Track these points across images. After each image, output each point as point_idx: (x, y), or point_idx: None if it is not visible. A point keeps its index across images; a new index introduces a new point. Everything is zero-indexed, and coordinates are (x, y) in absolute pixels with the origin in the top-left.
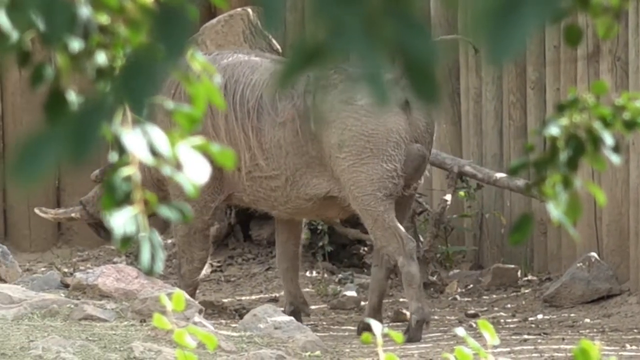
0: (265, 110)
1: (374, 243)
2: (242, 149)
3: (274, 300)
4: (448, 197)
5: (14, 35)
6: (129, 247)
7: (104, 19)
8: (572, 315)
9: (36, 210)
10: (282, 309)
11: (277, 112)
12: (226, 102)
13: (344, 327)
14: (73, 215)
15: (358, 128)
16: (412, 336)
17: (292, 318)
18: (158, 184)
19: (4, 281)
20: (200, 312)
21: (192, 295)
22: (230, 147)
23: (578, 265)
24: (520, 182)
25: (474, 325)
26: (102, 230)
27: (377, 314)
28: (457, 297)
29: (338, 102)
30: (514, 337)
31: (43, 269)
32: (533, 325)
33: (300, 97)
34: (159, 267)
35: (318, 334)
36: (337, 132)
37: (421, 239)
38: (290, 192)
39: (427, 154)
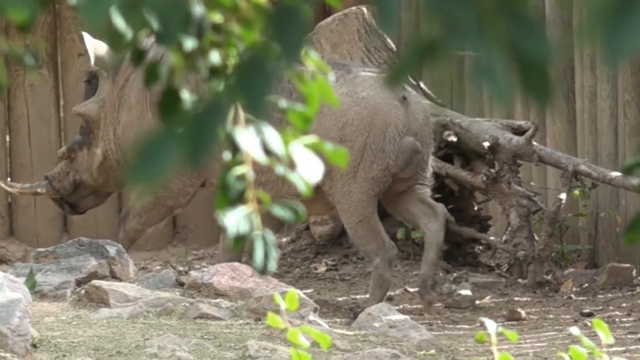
0: None
1: (352, 239)
2: None
3: (389, 298)
4: (563, 196)
5: (129, 34)
6: (241, 245)
7: (217, 17)
8: None
9: (1, 184)
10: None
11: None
12: None
13: (458, 326)
14: (39, 190)
15: (359, 122)
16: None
17: (406, 317)
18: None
19: (120, 280)
20: (315, 310)
21: (127, 248)
22: None
23: None
24: (635, 181)
25: (589, 324)
26: (67, 206)
27: (435, 267)
28: (572, 296)
29: (340, 94)
30: (629, 336)
31: (158, 267)
32: None
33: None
34: (273, 266)
35: (433, 332)
36: (337, 125)
37: (536, 237)
38: (281, 187)
39: (421, 148)
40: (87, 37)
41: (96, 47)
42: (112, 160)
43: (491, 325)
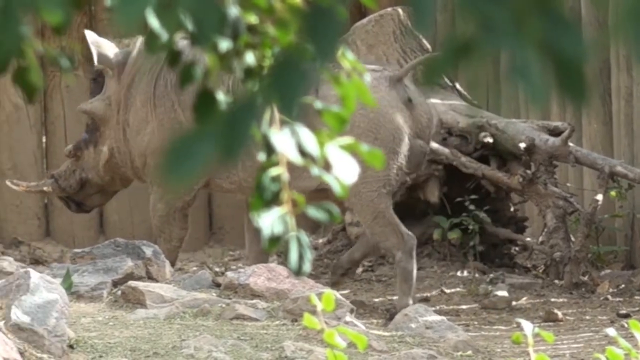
0: None
1: (371, 238)
2: None
3: (425, 300)
4: (599, 197)
5: (164, 35)
6: (276, 247)
7: (252, 19)
8: None
9: (8, 183)
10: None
11: None
12: None
13: (495, 327)
14: (45, 188)
15: (366, 125)
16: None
17: (443, 318)
18: (134, 170)
19: (156, 280)
20: (351, 311)
21: (174, 265)
22: None
23: None
24: None
25: (626, 325)
26: (73, 204)
27: (353, 264)
28: (609, 297)
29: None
30: None
31: (194, 268)
32: None
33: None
34: (308, 267)
35: (469, 333)
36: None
37: (572, 238)
38: None
39: (427, 150)
40: (89, 35)
41: (99, 45)
42: (118, 159)
43: (528, 326)
